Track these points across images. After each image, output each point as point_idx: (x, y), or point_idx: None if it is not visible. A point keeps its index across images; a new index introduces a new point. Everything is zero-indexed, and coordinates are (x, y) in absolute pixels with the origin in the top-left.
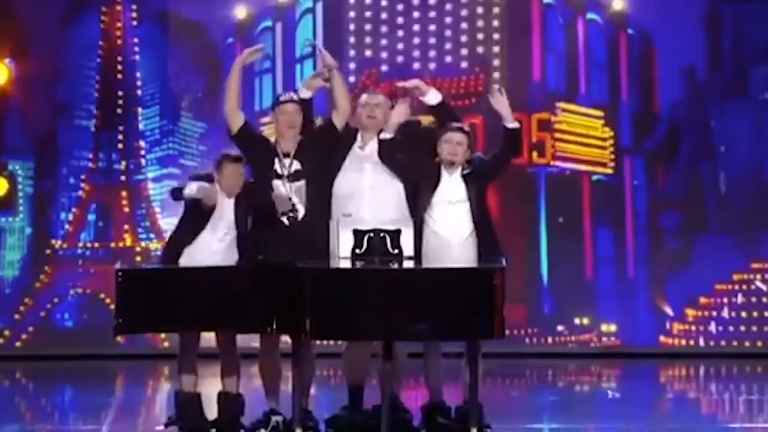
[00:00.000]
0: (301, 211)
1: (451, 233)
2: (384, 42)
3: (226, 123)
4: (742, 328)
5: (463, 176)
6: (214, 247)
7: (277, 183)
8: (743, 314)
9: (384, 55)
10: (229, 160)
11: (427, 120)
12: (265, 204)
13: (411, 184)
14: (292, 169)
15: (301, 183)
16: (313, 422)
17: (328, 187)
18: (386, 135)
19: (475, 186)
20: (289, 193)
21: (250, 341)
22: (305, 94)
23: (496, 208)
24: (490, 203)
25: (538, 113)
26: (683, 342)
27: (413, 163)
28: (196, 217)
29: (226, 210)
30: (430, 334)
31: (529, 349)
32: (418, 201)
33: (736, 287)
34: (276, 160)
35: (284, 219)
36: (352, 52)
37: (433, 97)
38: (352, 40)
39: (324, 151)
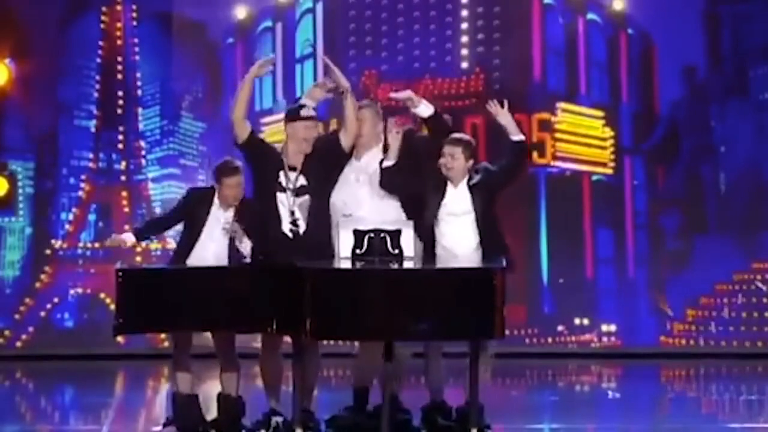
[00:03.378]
0: (303, 227)
1: (457, 246)
2: (384, 42)
3: (233, 131)
4: (742, 328)
5: (469, 187)
6: (213, 257)
7: (280, 196)
8: (743, 314)
9: (384, 55)
10: (227, 173)
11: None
12: (266, 217)
13: (412, 201)
14: (298, 183)
15: (305, 198)
16: (314, 423)
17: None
18: (389, 162)
19: (481, 196)
20: (292, 207)
21: (251, 341)
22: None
23: (496, 208)
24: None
25: (538, 113)
26: (684, 342)
27: (415, 180)
28: (192, 225)
29: (222, 221)
30: (431, 334)
31: (529, 349)
32: (425, 216)
33: (737, 287)
34: (281, 173)
35: (288, 232)
36: (352, 52)
37: (424, 109)
38: (352, 40)
39: (328, 168)
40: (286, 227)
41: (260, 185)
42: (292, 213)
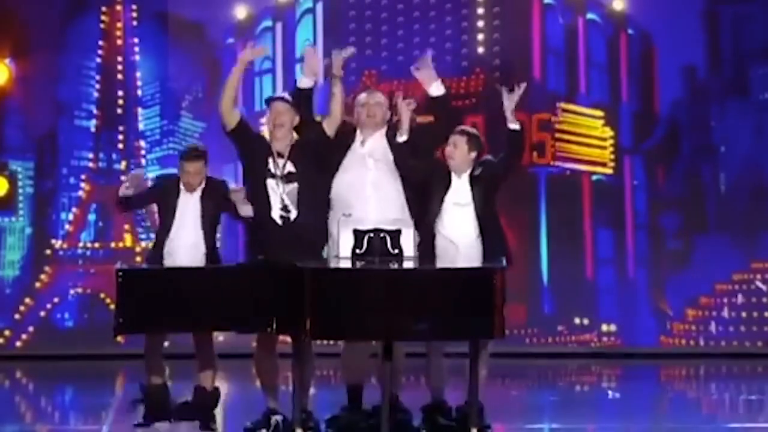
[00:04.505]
0: (293, 213)
1: (457, 236)
2: (384, 42)
3: (221, 119)
4: (742, 328)
5: (471, 178)
6: (188, 243)
7: (270, 182)
8: (743, 314)
9: (384, 55)
10: (187, 157)
11: (425, 121)
12: (256, 203)
13: (417, 187)
14: (286, 170)
15: (294, 185)
16: (313, 422)
17: (322, 190)
18: (402, 138)
19: (481, 188)
20: (282, 193)
21: (251, 341)
22: (305, 83)
23: (496, 201)
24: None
25: (538, 113)
26: (683, 342)
27: (424, 167)
28: (165, 214)
29: (191, 205)
30: (430, 334)
31: (529, 349)
32: (429, 205)
33: (736, 287)
34: (270, 159)
35: (277, 218)
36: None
37: (436, 89)
38: (352, 40)
39: (316, 157)
40: (276, 213)
41: (250, 171)
42: (283, 199)
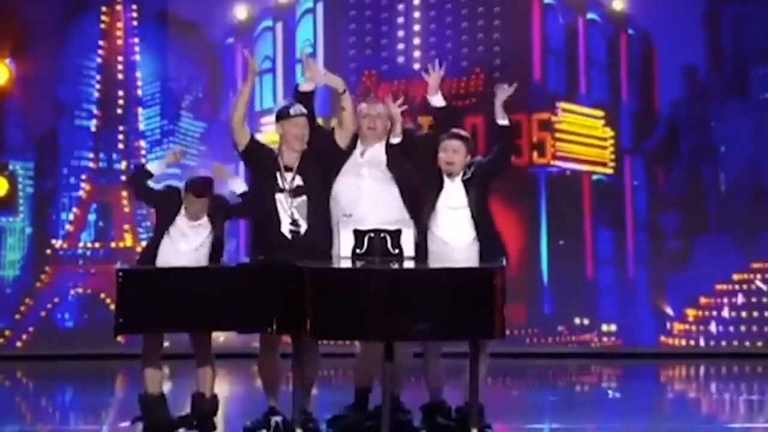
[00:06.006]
0: (304, 227)
1: (453, 239)
2: (384, 42)
3: (232, 137)
4: (742, 328)
5: (464, 181)
6: (186, 254)
7: (279, 197)
8: (743, 314)
9: (384, 55)
10: (197, 191)
11: (426, 122)
12: (265, 216)
13: (412, 191)
14: (294, 184)
15: (303, 198)
16: (313, 423)
17: (329, 200)
18: (395, 140)
19: (475, 190)
20: (291, 208)
21: (252, 341)
22: (307, 87)
23: (496, 207)
24: (491, 202)
25: (538, 113)
26: (683, 342)
27: (417, 170)
28: (165, 217)
29: (186, 228)
30: (431, 334)
31: (529, 349)
32: (421, 208)
33: (736, 287)
34: (278, 174)
35: (287, 233)
36: (352, 52)
37: (438, 101)
38: (352, 40)
39: (325, 167)
40: (285, 228)
41: (259, 187)
42: (292, 214)
